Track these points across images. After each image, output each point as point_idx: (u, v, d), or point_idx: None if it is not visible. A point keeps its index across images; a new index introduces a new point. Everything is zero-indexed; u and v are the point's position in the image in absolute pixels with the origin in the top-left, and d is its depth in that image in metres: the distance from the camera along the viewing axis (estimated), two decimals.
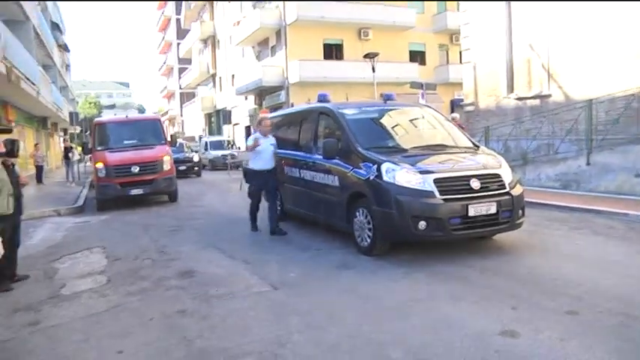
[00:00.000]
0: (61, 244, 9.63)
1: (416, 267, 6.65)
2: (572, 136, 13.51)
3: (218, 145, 31.82)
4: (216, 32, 48.90)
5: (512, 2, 16.64)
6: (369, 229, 7.28)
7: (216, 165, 29.23)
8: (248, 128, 39.78)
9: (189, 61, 60.75)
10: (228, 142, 33.80)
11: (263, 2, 34.58)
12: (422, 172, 6.92)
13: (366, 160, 7.37)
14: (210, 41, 50.53)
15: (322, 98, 9.43)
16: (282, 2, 32.31)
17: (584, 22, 13.93)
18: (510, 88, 16.92)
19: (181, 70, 66.10)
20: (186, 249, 8.57)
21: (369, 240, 7.33)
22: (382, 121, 8.84)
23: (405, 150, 7.70)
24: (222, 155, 28.74)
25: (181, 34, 62.93)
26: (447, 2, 36.00)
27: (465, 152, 7.90)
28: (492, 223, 7.05)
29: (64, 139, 38.04)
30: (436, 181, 6.84)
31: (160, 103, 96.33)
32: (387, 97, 9.43)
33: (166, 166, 14.78)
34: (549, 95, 15.26)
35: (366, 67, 20.92)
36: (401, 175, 6.91)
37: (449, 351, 4.18)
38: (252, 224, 9.75)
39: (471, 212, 6.76)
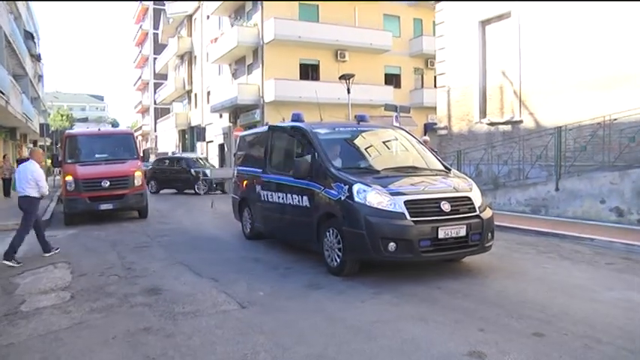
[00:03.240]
0: (24, 258, 9.34)
1: (385, 288, 6.64)
2: (542, 162, 13.73)
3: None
4: (193, 48, 48.84)
5: (487, 27, 16.97)
6: (339, 249, 7.26)
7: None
8: (222, 146, 39.64)
9: (165, 77, 60.51)
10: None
11: (241, 19, 34.69)
12: (393, 194, 6.95)
13: (338, 180, 7.39)
14: (187, 57, 50.44)
15: (296, 118, 9.43)
16: (260, 20, 32.45)
17: (554, 51, 14.27)
18: (483, 114, 17.16)
19: (157, 86, 65.76)
20: (154, 266, 8.43)
21: (338, 260, 7.30)
22: (355, 141, 8.88)
23: (377, 171, 7.73)
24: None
25: (158, 49, 62.68)
26: (424, 26, 36.57)
27: (437, 175, 7.95)
28: (462, 246, 7.09)
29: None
30: (407, 202, 6.86)
31: (134, 118, 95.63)
32: (361, 119, 9.49)
33: (137, 182, 14.61)
34: (520, 121, 15.52)
35: (341, 88, 20.99)
36: (372, 196, 6.93)
37: None
38: None
39: (441, 234, 6.79)
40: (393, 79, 36.52)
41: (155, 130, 69.73)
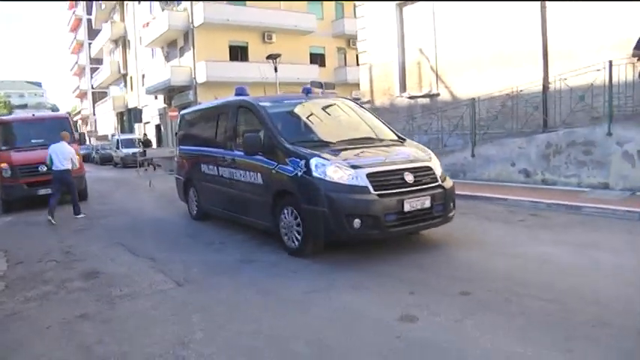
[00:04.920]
0: None
1: (317, 258, 6.35)
2: (458, 131, 13.81)
3: (129, 143, 30.40)
4: (126, 33, 46.69)
5: (403, 8, 16.82)
6: (298, 229, 6.44)
7: (127, 162, 28.02)
8: (158, 127, 38.39)
9: (100, 61, 57.77)
10: (139, 139, 32.31)
11: (171, 4, 33.31)
12: (354, 167, 6.12)
13: (293, 155, 6.48)
14: (121, 42, 48.25)
15: (240, 92, 8.40)
16: (189, 4, 31.25)
17: (466, 30, 14.28)
18: (403, 88, 17.09)
19: (93, 70, 62.81)
20: (93, 248, 7.87)
21: (298, 241, 6.46)
22: (305, 114, 7.82)
23: (332, 143, 6.81)
24: (132, 153, 27.53)
25: (92, 34, 59.67)
26: (345, 9, 36.27)
27: (393, 145, 7.19)
28: (426, 218, 6.38)
29: None
30: (369, 175, 6.05)
31: (73, 103, 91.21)
32: (307, 91, 8.47)
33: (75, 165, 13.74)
34: (438, 94, 15.53)
35: (269, 68, 20.51)
36: (332, 171, 6.08)
37: (351, 340, 3.96)
38: None
39: (407, 207, 6.07)
40: (317, 59, 36.19)
41: (94, 114, 66.79)
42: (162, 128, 37.42)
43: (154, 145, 33.81)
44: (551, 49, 12.30)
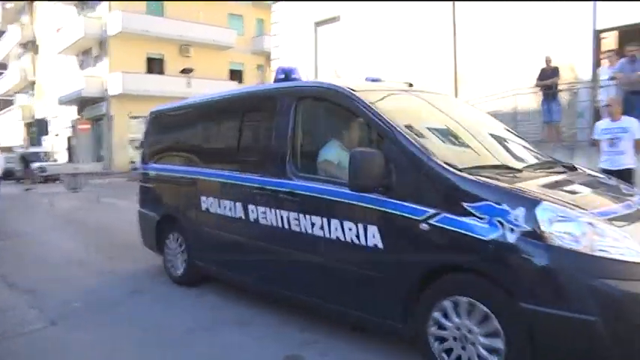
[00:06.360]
0: None
1: (209, 288, 5.93)
2: None
3: (35, 158, 28.63)
4: (36, 37, 44.35)
5: (318, 28, 16.92)
6: (496, 353, 3.17)
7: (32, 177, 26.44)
8: (70, 140, 36.57)
9: (6, 67, 54.49)
10: (46, 153, 30.53)
11: (88, 7, 32.06)
12: (617, 222, 3.22)
13: (480, 196, 3.23)
14: (31, 46, 45.74)
15: (284, 74, 5.11)
16: (106, 11, 30.16)
17: (379, 52, 14.51)
18: None
19: None
20: None
21: None
22: (431, 118, 4.58)
23: (518, 171, 3.83)
24: (38, 167, 26.07)
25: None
26: (265, 26, 36.35)
27: (584, 174, 4.40)
28: None
29: None
30: None
31: None
32: (374, 81, 5.49)
33: None
34: None
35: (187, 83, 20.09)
36: (590, 232, 3.00)
37: None
38: None
39: None
40: (236, 75, 36.05)
41: None
42: (73, 141, 35.69)
43: (65, 159, 32.17)
44: (461, 75, 12.70)
